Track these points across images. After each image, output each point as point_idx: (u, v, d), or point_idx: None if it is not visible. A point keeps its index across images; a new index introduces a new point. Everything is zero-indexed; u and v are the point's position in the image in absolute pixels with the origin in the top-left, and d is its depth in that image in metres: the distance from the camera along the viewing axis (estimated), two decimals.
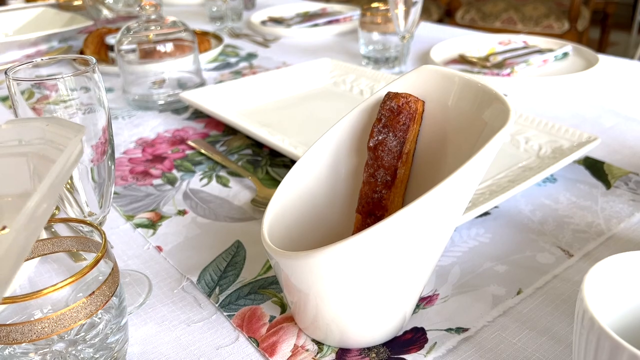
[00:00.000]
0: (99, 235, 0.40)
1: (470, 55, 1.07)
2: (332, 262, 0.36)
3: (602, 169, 0.67)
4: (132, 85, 0.93)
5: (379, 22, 1.05)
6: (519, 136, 0.72)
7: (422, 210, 0.35)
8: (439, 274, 0.50)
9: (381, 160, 0.45)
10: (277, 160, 0.73)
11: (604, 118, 0.83)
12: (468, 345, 0.43)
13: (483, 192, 0.59)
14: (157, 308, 0.48)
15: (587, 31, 2.79)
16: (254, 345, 0.43)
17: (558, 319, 0.45)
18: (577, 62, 1.06)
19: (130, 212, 0.62)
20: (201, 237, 0.57)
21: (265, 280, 0.50)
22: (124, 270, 0.52)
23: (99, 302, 0.37)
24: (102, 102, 0.45)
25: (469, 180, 0.37)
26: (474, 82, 0.42)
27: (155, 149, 0.78)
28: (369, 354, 0.42)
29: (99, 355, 0.39)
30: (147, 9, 0.91)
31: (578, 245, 0.54)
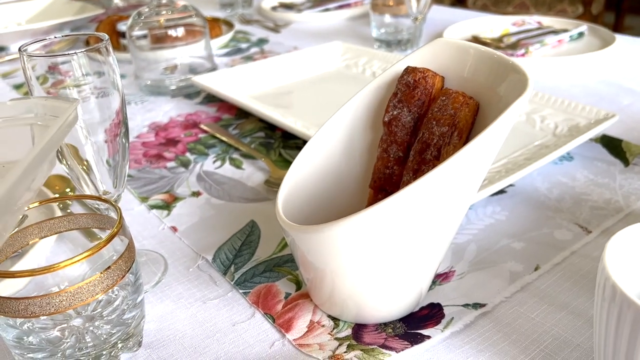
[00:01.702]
0: (114, 212, 0.40)
1: (484, 36, 1.06)
2: (348, 236, 0.36)
3: (619, 146, 0.66)
4: (144, 71, 0.93)
5: (391, 4, 1.04)
6: (534, 115, 0.71)
7: (437, 182, 0.34)
8: (454, 251, 0.50)
9: (394, 136, 0.45)
10: (289, 142, 0.72)
11: (621, 96, 0.81)
12: (485, 320, 0.42)
13: (499, 170, 0.59)
14: (173, 286, 0.48)
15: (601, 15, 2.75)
16: (270, 321, 0.43)
17: (577, 294, 0.44)
18: (592, 42, 1.04)
19: (145, 194, 0.62)
20: (215, 217, 0.57)
21: (280, 258, 0.50)
22: (139, 250, 0.52)
23: (116, 277, 0.37)
24: (117, 84, 0.45)
25: (485, 151, 0.36)
26: (490, 53, 0.42)
27: (168, 132, 0.78)
28: (386, 329, 0.42)
29: (115, 331, 0.39)
30: None
31: (596, 222, 0.53)
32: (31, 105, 0.36)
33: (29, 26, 1.22)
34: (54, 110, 0.36)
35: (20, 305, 0.34)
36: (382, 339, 0.41)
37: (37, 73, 0.43)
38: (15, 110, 0.36)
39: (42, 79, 0.43)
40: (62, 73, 0.43)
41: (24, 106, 0.37)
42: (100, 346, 0.38)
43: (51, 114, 0.36)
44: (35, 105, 0.36)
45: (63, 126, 0.34)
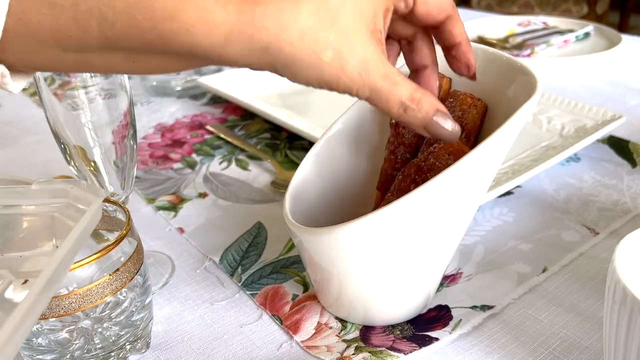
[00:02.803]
0: (122, 213, 0.41)
1: (490, 37, 1.06)
2: (355, 238, 0.36)
3: (627, 147, 0.66)
4: None
5: None
6: (541, 116, 0.70)
7: (445, 185, 0.34)
8: (462, 253, 0.50)
9: (402, 137, 0.45)
10: (295, 143, 0.72)
11: (628, 97, 0.81)
12: (494, 322, 0.42)
13: (506, 172, 0.59)
14: (181, 288, 0.48)
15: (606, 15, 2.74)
16: (278, 323, 0.43)
17: (585, 296, 0.44)
18: (598, 42, 1.04)
19: (151, 195, 0.62)
20: (222, 218, 0.57)
21: (287, 259, 0.50)
22: (146, 252, 0.52)
23: (124, 279, 0.37)
24: (124, 85, 0.45)
25: (494, 153, 0.36)
26: (498, 54, 0.42)
27: (174, 134, 0.78)
28: (393, 331, 0.42)
29: (124, 333, 0.39)
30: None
31: (604, 223, 0.53)
32: (55, 191, 0.36)
33: None
34: (77, 200, 0.36)
35: None
36: (390, 341, 0.41)
37: (44, 74, 0.43)
38: (39, 196, 0.36)
39: (50, 80, 0.43)
40: (69, 74, 0.43)
41: (48, 192, 0.36)
42: (108, 348, 0.38)
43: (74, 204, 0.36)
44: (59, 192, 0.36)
45: (86, 228, 0.33)
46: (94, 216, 0.34)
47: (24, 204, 0.37)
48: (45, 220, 0.36)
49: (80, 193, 0.36)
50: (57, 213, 0.36)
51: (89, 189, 0.36)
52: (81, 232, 0.31)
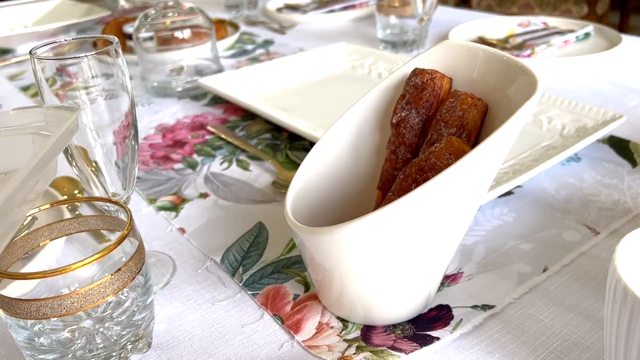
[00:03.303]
0: (124, 213, 0.41)
1: (490, 37, 1.06)
2: (356, 238, 0.36)
3: (627, 147, 0.66)
4: (151, 72, 0.94)
5: (397, 5, 1.04)
6: (541, 116, 0.70)
7: (445, 185, 0.34)
8: (463, 252, 0.50)
9: (402, 137, 0.45)
10: (296, 143, 0.72)
11: (628, 97, 0.81)
12: (494, 321, 0.42)
13: (506, 172, 0.59)
14: (182, 288, 0.48)
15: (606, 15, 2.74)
16: (279, 322, 0.43)
17: (586, 295, 0.44)
18: (599, 43, 1.04)
19: (153, 196, 0.62)
20: (223, 219, 0.57)
21: (288, 259, 0.50)
22: (148, 252, 0.52)
23: (126, 279, 0.37)
24: (126, 86, 0.45)
25: (495, 153, 0.36)
26: (499, 55, 0.42)
27: (175, 134, 0.78)
28: (394, 331, 0.42)
29: (125, 333, 0.39)
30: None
31: (604, 223, 0.53)
32: (33, 114, 0.37)
33: (36, 28, 1.23)
34: (55, 119, 0.37)
35: (31, 307, 0.34)
36: (391, 340, 0.41)
37: (46, 75, 0.43)
38: (17, 120, 0.37)
39: (51, 80, 0.43)
40: (70, 75, 0.43)
41: (26, 116, 0.37)
42: (110, 347, 0.38)
43: (53, 123, 0.37)
44: (37, 114, 0.37)
45: (63, 135, 0.35)
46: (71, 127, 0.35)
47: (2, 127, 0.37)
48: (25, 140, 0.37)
49: (56, 112, 0.37)
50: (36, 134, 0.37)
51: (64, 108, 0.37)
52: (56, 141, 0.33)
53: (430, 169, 0.39)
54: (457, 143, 0.39)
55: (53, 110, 0.37)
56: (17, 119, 0.37)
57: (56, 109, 0.38)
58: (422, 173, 0.40)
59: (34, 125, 0.37)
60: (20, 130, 0.37)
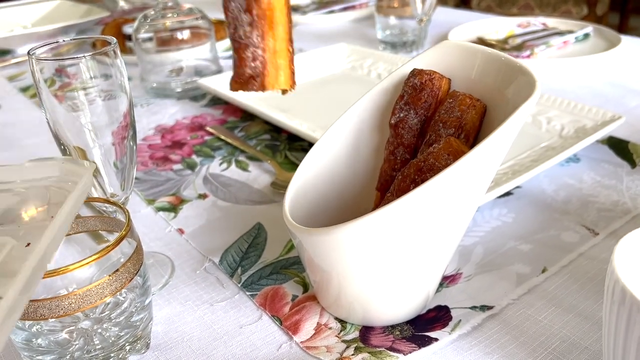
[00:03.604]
0: (122, 214, 0.41)
1: (489, 38, 1.06)
2: (354, 238, 0.36)
3: (626, 148, 0.66)
4: (150, 73, 0.94)
5: (396, 5, 1.04)
6: (540, 116, 0.70)
7: (444, 185, 0.34)
8: (461, 253, 0.50)
9: (401, 138, 0.45)
10: (295, 144, 0.72)
11: (627, 98, 0.81)
12: (493, 322, 0.42)
13: (505, 172, 0.59)
14: (180, 288, 0.48)
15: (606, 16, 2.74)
16: (277, 323, 0.43)
17: (585, 296, 0.44)
18: (598, 43, 1.04)
19: (151, 197, 0.62)
20: (222, 219, 0.57)
21: (286, 260, 0.50)
22: (146, 252, 0.52)
23: (124, 279, 0.37)
24: (124, 87, 0.45)
25: (493, 154, 0.36)
26: (497, 55, 0.42)
27: (174, 135, 0.78)
28: (393, 332, 0.42)
29: (123, 334, 0.39)
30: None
31: (603, 224, 0.53)
32: (48, 168, 0.38)
33: (35, 29, 1.23)
34: (70, 173, 0.37)
35: (29, 308, 0.34)
36: (389, 341, 0.41)
37: (45, 76, 0.43)
38: (32, 173, 0.38)
39: (50, 81, 0.43)
40: (69, 76, 0.43)
41: (41, 169, 0.38)
42: (108, 348, 0.38)
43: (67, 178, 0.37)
44: (52, 168, 0.38)
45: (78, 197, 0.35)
46: (86, 185, 0.36)
47: (18, 179, 0.38)
48: (40, 194, 0.37)
49: (71, 167, 0.37)
50: (50, 186, 0.37)
51: (79, 163, 0.38)
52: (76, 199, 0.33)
53: (429, 170, 0.39)
54: (455, 144, 0.38)
55: (68, 164, 0.38)
56: (32, 172, 0.38)
57: (71, 163, 0.38)
58: (420, 174, 0.40)
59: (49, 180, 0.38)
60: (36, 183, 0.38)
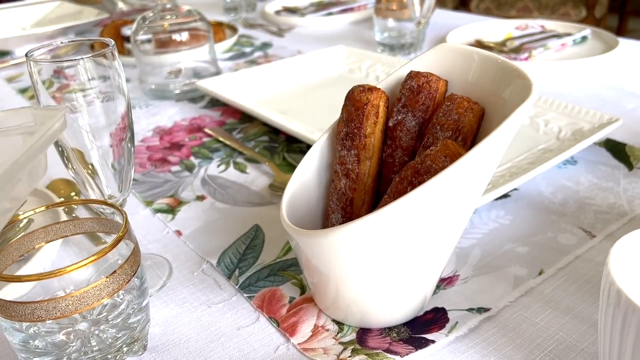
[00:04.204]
0: (120, 216, 0.41)
1: (487, 40, 1.06)
2: (352, 240, 0.36)
3: (623, 150, 0.66)
4: (149, 75, 0.94)
5: (394, 8, 1.04)
6: (538, 119, 0.71)
7: (441, 187, 0.35)
8: (458, 255, 0.50)
9: (399, 141, 0.45)
10: (293, 146, 0.73)
11: (624, 100, 0.81)
12: (490, 324, 0.42)
13: (503, 174, 0.59)
14: (178, 290, 0.48)
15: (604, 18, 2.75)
16: (275, 325, 0.43)
17: (581, 298, 0.44)
18: (596, 46, 1.04)
19: (149, 198, 0.62)
20: (220, 221, 0.57)
21: (284, 262, 0.50)
22: (144, 254, 0.52)
23: (121, 281, 0.37)
24: (122, 89, 0.45)
25: (490, 156, 0.36)
26: (494, 58, 0.42)
27: (173, 136, 0.78)
28: (390, 334, 0.42)
29: (121, 335, 0.39)
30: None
31: (600, 226, 0.53)
32: (22, 115, 0.38)
33: (34, 30, 1.23)
34: (43, 118, 0.37)
35: (26, 310, 0.34)
36: (386, 343, 0.41)
37: (43, 77, 0.43)
38: (7, 122, 0.38)
39: (48, 83, 0.43)
40: (67, 77, 0.43)
41: (15, 117, 0.38)
42: (105, 350, 0.38)
43: (42, 123, 0.37)
44: (26, 115, 0.38)
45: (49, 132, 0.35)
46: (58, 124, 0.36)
47: None
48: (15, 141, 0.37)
49: (44, 112, 0.38)
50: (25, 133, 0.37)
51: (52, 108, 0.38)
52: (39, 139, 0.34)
53: (426, 172, 0.39)
54: (452, 146, 0.39)
55: (41, 110, 0.38)
56: (7, 120, 0.38)
57: (44, 109, 0.38)
58: (417, 176, 0.40)
59: (24, 126, 0.38)
60: (10, 132, 0.38)
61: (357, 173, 0.44)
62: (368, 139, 0.44)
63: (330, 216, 0.46)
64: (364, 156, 0.44)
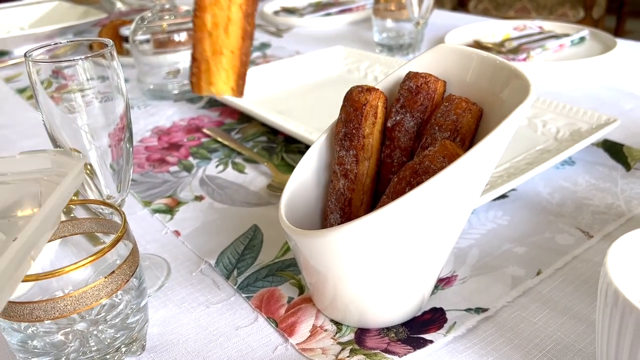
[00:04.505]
0: (118, 216, 0.41)
1: (486, 41, 1.06)
2: (350, 241, 0.36)
3: (621, 151, 0.66)
4: (147, 75, 0.94)
5: (393, 8, 1.05)
6: (536, 119, 0.71)
7: (439, 188, 0.35)
8: (457, 255, 0.50)
9: (398, 141, 0.45)
10: (292, 146, 0.73)
11: (622, 101, 0.81)
12: (488, 324, 0.43)
13: (501, 175, 0.59)
14: (176, 290, 0.48)
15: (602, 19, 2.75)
16: (273, 325, 0.43)
17: (579, 299, 0.45)
18: (594, 47, 1.04)
19: (148, 198, 0.62)
20: (218, 221, 0.57)
21: (282, 262, 0.50)
22: (142, 254, 0.52)
23: (120, 281, 0.37)
24: (121, 89, 0.45)
25: (487, 157, 0.36)
26: (492, 59, 0.42)
27: (171, 137, 0.78)
28: (388, 334, 0.42)
29: (119, 335, 0.39)
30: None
31: (598, 227, 0.53)
32: (40, 160, 0.38)
33: (32, 30, 1.23)
34: (61, 165, 0.37)
35: (25, 310, 0.34)
36: (384, 343, 0.41)
37: (41, 77, 0.43)
38: (24, 165, 0.38)
39: (47, 83, 0.43)
40: (66, 77, 0.43)
41: (32, 161, 0.38)
42: (104, 350, 0.38)
43: (58, 170, 0.37)
44: (43, 160, 0.38)
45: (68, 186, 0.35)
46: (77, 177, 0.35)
47: (9, 172, 0.38)
48: (31, 187, 0.37)
49: (61, 158, 0.37)
50: (41, 179, 0.37)
51: (70, 155, 0.37)
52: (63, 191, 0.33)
53: (424, 172, 0.40)
54: (451, 147, 0.39)
55: (59, 156, 0.38)
56: (24, 163, 0.38)
57: (62, 154, 0.38)
58: (416, 176, 0.40)
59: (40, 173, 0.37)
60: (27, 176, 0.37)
61: (356, 173, 0.44)
62: (366, 140, 0.44)
63: (328, 216, 0.46)
64: (363, 156, 0.44)
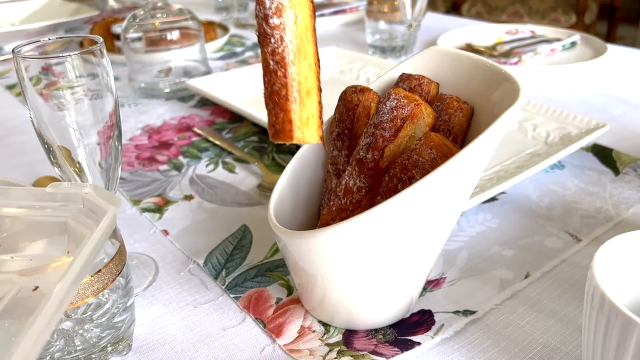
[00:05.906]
0: None
1: (478, 44, 1.06)
2: (339, 242, 0.36)
3: (610, 155, 0.66)
4: (138, 73, 0.93)
5: (386, 10, 1.05)
6: (526, 123, 0.71)
7: (428, 190, 0.35)
8: (445, 258, 0.50)
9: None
10: (282, 147, 0.72)
11: (612, 106, 0.82)
12: (476, 327, 0.43)
13: (490, 178, 0.59)
14: (164, 290, 0.48)
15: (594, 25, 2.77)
16: (261, 326, 0.43)
17: (566, 302, 0.45)
18: (585, 52, 1.05)
19: (137, 197, 0.62)
20: (207, 221, 0.57)
21: (271, 263, 0.50)
22: (130, 253, 0.52)
23: (106, 280, 0.37)
24: (110, 86, 0.45)
25: (477, 159, 0.36)
26: (483, 62, 0.42)
27: (162, 135, 0.78)
28: (376, 335, 0.42)
29: (105, 335, 0.39)
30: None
31: (586, 230, 0.53)
32: (71, 197, 0.36)
33: (23, 26, 1.22)
34: (92, 210, 0.35)
35: None
36: (372, 345, 0.41)
37: (30, 74, 0.42)
38: (53, 199, 0.36)
39: (36, 80, 0.43)
40: (55, 74, 0.43)
41: (63, 197, 0.36)
42: (89, 350, 0.38)
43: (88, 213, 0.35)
44: (75, 197, 0.35)
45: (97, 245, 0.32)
46: (109, 227, 0.33)
47: (37, 205, 0.36)
48: (58, 226, 0.35)
49: (95, 200, 0.35)
50: (70, 219, 0.35)
51: (104, 196, 0.35)
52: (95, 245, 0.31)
53: (414, 166, 0.40)
54: (436, 138, 0.39)
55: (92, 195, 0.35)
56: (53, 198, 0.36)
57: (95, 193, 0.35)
58: (406, 171, 0.40)
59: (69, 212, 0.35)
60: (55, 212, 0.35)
61: None
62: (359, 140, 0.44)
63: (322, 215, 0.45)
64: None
